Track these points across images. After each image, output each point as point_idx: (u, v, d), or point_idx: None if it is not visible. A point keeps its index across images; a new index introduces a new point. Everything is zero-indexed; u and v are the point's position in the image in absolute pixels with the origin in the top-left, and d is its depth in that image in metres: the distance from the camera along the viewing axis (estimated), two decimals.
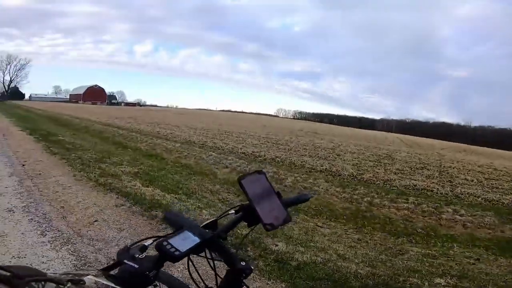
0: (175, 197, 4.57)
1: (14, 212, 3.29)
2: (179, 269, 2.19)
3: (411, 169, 10.21)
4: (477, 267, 3.22)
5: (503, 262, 3.49)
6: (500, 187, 8.33)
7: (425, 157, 14.10)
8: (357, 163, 10.27)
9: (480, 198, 6.92)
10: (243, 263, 0.81)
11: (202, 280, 0.91)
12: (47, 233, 2.88)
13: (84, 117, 23.24)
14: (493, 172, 11.22)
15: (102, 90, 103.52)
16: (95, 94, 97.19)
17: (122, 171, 5.96)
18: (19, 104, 48.18)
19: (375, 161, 11.00)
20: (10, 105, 41.43)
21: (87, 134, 12.71)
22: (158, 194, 4.53)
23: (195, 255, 0.80)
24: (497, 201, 6.74)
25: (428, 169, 10.41)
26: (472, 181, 8.96)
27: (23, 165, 5.71)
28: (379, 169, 9.59)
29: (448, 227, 4.93)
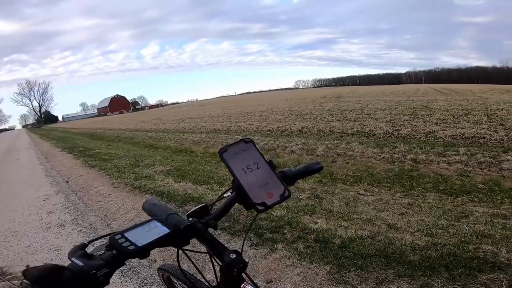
0: (207, 188, 4.55)
1: (64, 226, 3.55)
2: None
3: (453, 117, 9.19)
4: None
5: None
6: None
7: (467, 103, 12.70)
8: (391, 119, 9.47)
9: None
10: (233, 255, 0.67)
11: (202, 276, 0.84)
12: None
13: (115, 127, 24.32)
14: None
15: (124, 98, 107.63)
16: (119, 104, 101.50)
17: (154, 171, 6.13)
18: (55, 127, 51.91)
19: (411, 115, 10.07)
20: (47, 129, 44.94)
21: (121, 143, 13.28)
22: (190, 188, 4.55)
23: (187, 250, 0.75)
24: None
25: (473, 115, 9.31)
26: None
27: (67, 182, 6.12)
28: (417, 122, 8.74)
29: None
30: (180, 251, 0.75)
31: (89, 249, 0.61)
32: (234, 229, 2.88)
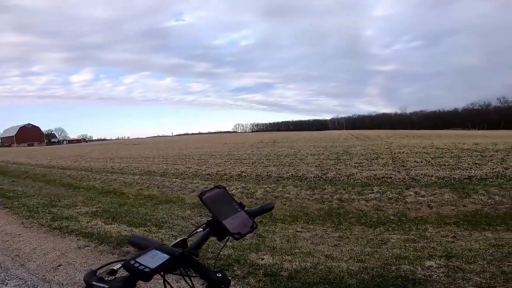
0: (145, 230, 4.39)
1: None
2: None
3: (368, 160, 10.83)
4: (457, 244, 3.41)
5: (478, 236, 3.75)
6: (446, 163, 9.22)
7: (377, 147, 15.14)
8: (319, 164, 10.59)
9: (433, 177, 7.54)
10: (219, 275, 0.82)
11: None
12: (8, 281, 2.75)
13: (21, 161, 21.10)
14: (436, 151, 12.44)
15: (38, 129, 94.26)
16: (30, 134, 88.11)
17: (78, 212, 5.67)
18: None
19: (335, 159, 11.47)
20: None
21: (29, 179, 11.81)
22: (125, 230, 4.35)
23: (170, 274, 0.82)
24: (448, 177, 7.41)
25: (382, 158, 11.15)
26: (422, 162, 9.79)
27: None
28: (340, 166, 10.00)
29: (416, 210, 5.24)
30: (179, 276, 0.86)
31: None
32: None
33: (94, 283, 0.67)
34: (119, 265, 0.75)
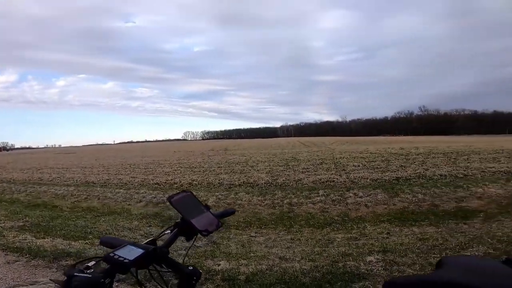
0: (86, 243, 4.14)
1: None
2: None
3: (313, 166, 11.59)
4: (391, 240, 3.88)
5: (407, 232, 4.31)
6: (378, 167, 10.38)
7: (321, 153, 16.27)
8: (270, 170, 10.96)
9: (368, 179, 8.42)
10: (191, 268, 0.89)
11: None
12: None
13: None
14: (370, 155, 13.90)
15: None
16: None
17: (1, 227, 5.24)
18: None
19: (284, 165, 12.00)
20: None
21: None
22: (61, 244, 4.09)
23: (143, 271, 0.86)
24: (380, 179, 8.35)
25: (326, 163, 12.03)
26: (358, 166, 10.85)
27: None
28: (289, 171, 10.50)
29: (356, 210, 5.81)
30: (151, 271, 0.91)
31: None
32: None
33: (76, 274, 0.70)
34: (93, 262, 0.78)
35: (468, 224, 4.56)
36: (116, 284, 2.34)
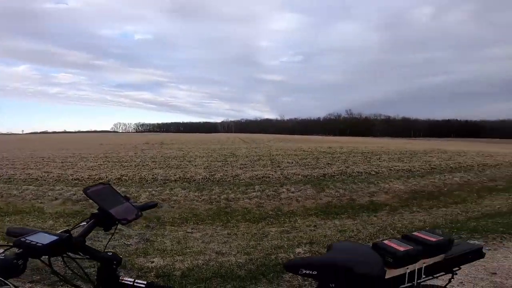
0: None
1: None
2: None
3: (251, 162, 11.95)
4: (317, 232, 4.30)
5: (330, 224, 4.82)
6: (309, 164, 11.29)
7: (259, 150, 16.85)
8: (207, 166, 10.90)
9: (300, 176, 9.10)
10: (109, 253, 0.90)
11: (88, 277, 0.94)
12: None
13: None
14: (303, 153, 15.00)
15: None
16: None
17: None
18: None
19: (223, 161, 12.07)
20: None
21: None
22: None
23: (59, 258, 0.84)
24: (310, 175, 9.11)
25: (262, 160, 12.54)
26: (292, 163, 11.63)
27: None
28: (227, 167, 10.61)
29: (288, 204, 6.24)
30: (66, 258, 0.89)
31: None
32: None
33: None
34: (1, 251, 0.77)
35: (377, 216, 5.37)
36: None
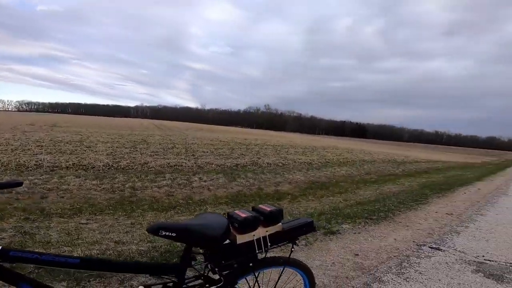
0: None
1: None
2: None
3: (164, 150, 11.34)
4: None
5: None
6: (224, 154, 11.46)
7: (175, 138, 16.11)
8: (111, 152, 9.81)
9: (213, 165, 9.16)
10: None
11: None
12: None
13: None
14: (219, 143, 15.11)
15: None
16: None
17: None
18: None
19: (131, 148, 11.06)
20: None
21: None
22: None
23: None
24: (223, 165, 9.27)
25: (177, 148, 12.07)
26: (207, 152, 11.60)
27: None
28: (135, 154, 9.79)
29: (200, 193, 6.20)
30: None
31: None
32: None
33: None
34: None
35: (280, 204, 5.88)
36: None
